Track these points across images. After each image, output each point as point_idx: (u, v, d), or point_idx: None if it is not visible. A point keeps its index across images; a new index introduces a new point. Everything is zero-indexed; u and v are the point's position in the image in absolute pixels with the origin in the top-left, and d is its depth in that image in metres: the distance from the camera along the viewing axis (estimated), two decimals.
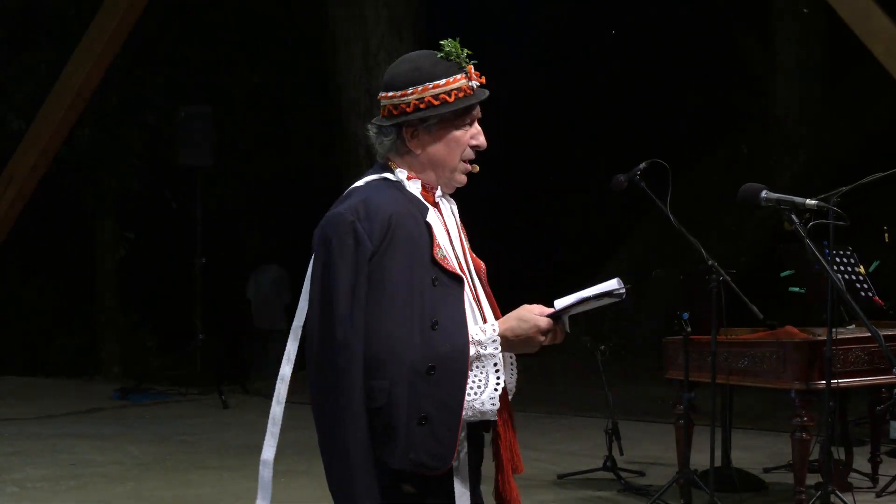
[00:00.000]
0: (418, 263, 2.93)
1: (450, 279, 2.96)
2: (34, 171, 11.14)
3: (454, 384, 2.88)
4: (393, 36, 13.25)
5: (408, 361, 2.86)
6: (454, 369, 2.88)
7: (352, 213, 2.94)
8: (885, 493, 7.06)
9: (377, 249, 2.89)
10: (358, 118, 13.28)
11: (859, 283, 6.91)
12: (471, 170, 3.10)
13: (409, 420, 2.85)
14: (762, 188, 3.63)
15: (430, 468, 2.88)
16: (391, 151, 3.08)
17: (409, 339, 2.87)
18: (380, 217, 2.92)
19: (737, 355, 6.58)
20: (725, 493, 6.73)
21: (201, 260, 11.96)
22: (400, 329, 2.87)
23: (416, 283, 2.91)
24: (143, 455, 8.63)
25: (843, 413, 7.34)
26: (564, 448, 8.85)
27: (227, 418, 10.54)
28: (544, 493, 7.32)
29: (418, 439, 2.86)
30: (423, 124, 3.02)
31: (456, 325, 2.92)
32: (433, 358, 2.86)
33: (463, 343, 2.90)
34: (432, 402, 2.86)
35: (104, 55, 10.89)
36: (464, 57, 3.05)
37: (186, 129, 12.10)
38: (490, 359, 2.93)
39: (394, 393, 2.85)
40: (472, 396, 2.91)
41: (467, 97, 3.03)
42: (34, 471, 8.07)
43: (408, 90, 3.01)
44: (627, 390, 11.04)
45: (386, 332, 2.86)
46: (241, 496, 7.40)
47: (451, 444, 2.87)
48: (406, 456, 2.86)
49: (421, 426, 2.85)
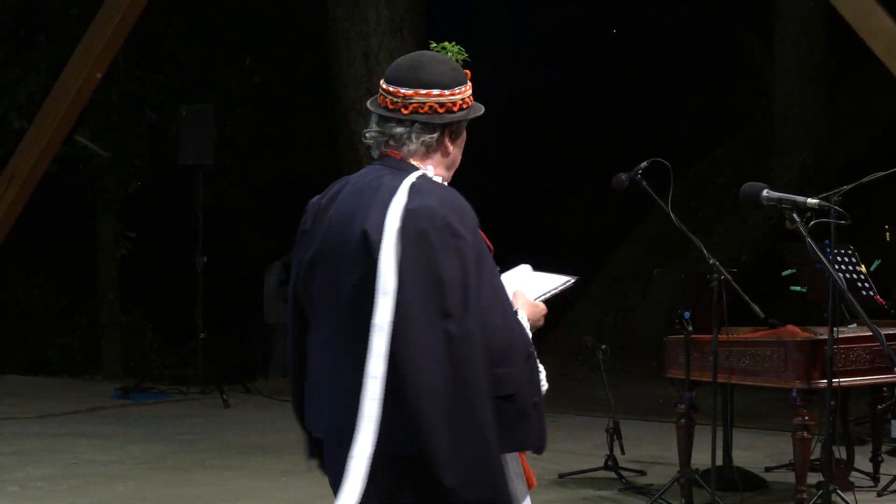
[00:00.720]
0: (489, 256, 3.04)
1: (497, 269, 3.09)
2: (35, 170, 11.14)
3: (537, 367, 3.02)
4: (394, 35, 13.24)
5: (521, 348, 2.95)
6: (534, 353, 3.02)
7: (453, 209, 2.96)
8: (887, 493, 7.06)
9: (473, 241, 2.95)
10: (359, 117, 13.28)
11: (860, 282, 6.91)
12: None
13: (531, 405, 2.95)
14: (763, 187, 3.63)
15: (540, 449, 3.00)
16: (422, 149, 3.08)
17: (514, 328, 2.97)
18: (469, 211, 2.99)
19: (738, 354, 6.58)
20: (726, 493, 6.73)
21: (202, 259, 11.96)
22: (511, 320, 2.98)
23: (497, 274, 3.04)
24: (144, 454, 8.62)
25: (845, 412, 7.34)
26: (565, 447, 8.85)
27: (229, 417, 10.54)
28: (546, 493, 7.32)
29: (537, 422, 2.98)
30: (460, 124, 3.11)
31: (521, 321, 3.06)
32: (528, 343, 3.00)
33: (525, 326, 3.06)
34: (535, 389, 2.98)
35: (105, 54, 10.89)
36: None
37: (187, 128, 12.10)
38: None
39: (519, 381, 2.93)
40: None
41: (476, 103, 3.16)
42: (35, 470, 8.07)
43: (455, 90, 3.06)
44: (628, 389, 11.05)
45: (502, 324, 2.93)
46: (242, 495, 7.40)
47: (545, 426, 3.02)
48: (537, 437, 2.98)
49: (536, 410, 2.96)
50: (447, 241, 2.87)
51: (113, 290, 15.70)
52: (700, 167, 15.52)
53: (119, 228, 15.50)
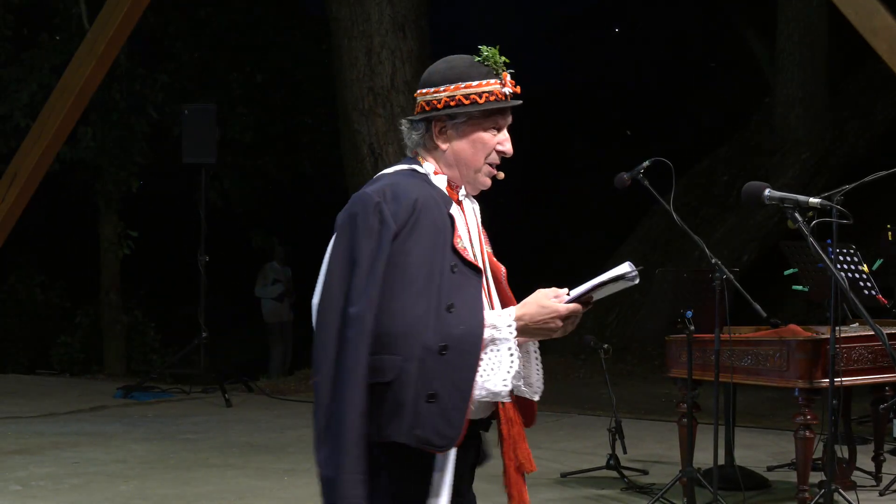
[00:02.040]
0: (439, 249, 2.99)
1: (469, 269, 3.03)
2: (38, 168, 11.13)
3: (466, 365, 2.92)
4: (396, 34, 13.25)
5: (421, 339, 2.90)
6: (466, 350, 2.93)
7: (378, 194, 3.01)
8: (889, 492, 7.06)
9: (400, 231, 2.95)
10: (361, 115, 13.29)
11: (862, 282, 6.90)
12: (495, 174, 3.17)
13: (417, 397, 2.89)
14: (765, 186, 3.63)
15: (435, 446, 2.92)
16: (419, 146, 3.16)
17: (424, 319, 2.91)
18: (405, 200, 2.98)
19: (740, 354, 6.58)
20: (728, 492, 6.73)
21: (204, 258, 11.96)
22: (416, 308, 2.92)
23: (436, 267, 2.97)
24: (146, 453, 8.63)
25: (847, 411, 7.33)
26: (568, 447, 8.85)
27: (230, 416, 10.55)
28: (548, 492, 7.32)
29: (426, 417, 2.90)
30: (452, 121, 3.10)
31: (471, 309, 2.97)
32: (446, 338, 2.91)
33: (477, 326, 2.95)
34: (442, 382, 2.90)
35: (108, 53, 10.88)
36: (500, 64, 3.12)
37: (190, 127, 12.10)
38: (504, 342, 2.98)
39: (404, 369, 2.90)
40: (484, 377, 2.95)
41: (498, 101, 3.10)
42: (37, 469, 8.07)
43: (440, 87, 3.10)
44: (630, 389, 11.06)
45: (401, 309, 2.91)
46: (244, 494, 7.40)
47: (458, 424, 2.91)
48: (412, 432, 2.90)
49: (429, 404, 2.90)
50: (370, 226, 2.95)
51: (115, 290, 15.71)
52: (702, 166, 15.52)
53: (121, 228, 15.51)
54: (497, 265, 3.22)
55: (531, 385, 3.19)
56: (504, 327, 2.99)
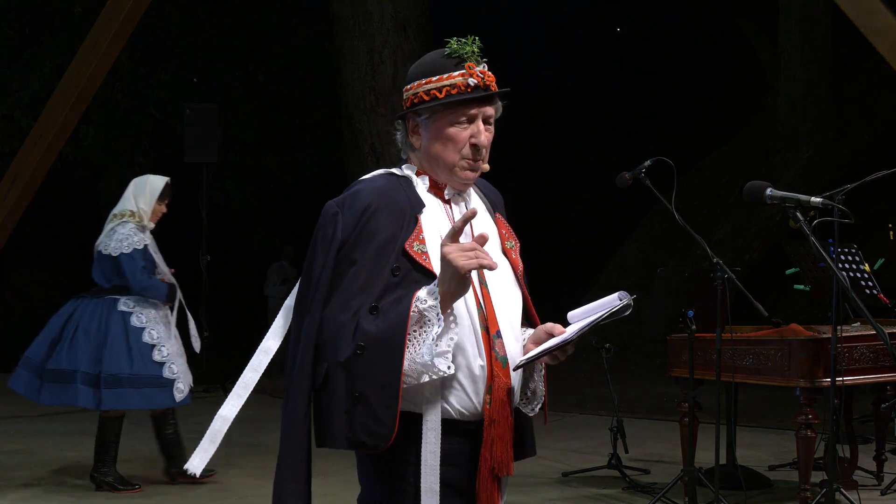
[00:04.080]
0: (384, 254, 2.93)
1: (419, 273, 2.93)
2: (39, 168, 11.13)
3: (387, 360, 2.86)
4: (398, 33, 13.25)
5: (342, 345, 2.88)
6: (386, 346, 2.86)
7: (339, 204, 3.00)
8: (890, 491, 7.06)
9: (347, 239, 2.94)
10: (363, 114, 13.30)
11: (864, 281, 6.90)
12: (473, 167, 3.04)
13: (343, 401, 2.89)
14: (767, 186, 3.62)
15: (369, 447, 2.89)
16: (404, 145, 3.12)
17: (347, 323, 2.89)
18: (356, 209, 2.96)
19: (742, 353, 6.58)
20: (730, 491, 6.73)
21: (207, 257, 11.97)
22: (343, 314, 2.90)
23: (375, 273, 2.91)
24: (147, 453, 8.63)
25: (848, 411, 7.33)
26: (569, 446, 8.85)
27: None
28: (549, 491, 7.33)
29: (355, 418, 2.88)
30: (419, 118, 3.04)
31: (400, 306, 2.88)
32: (362, 338, 2.87)
33: (400, 319, 2.86)
34: (366, 382, 2.86)
35: (109, 52, 10.88)
36: (468, 54, 3.02)
37: (192, 126, 12.10)
38: (431, 310, 2.87)
39: (330, 376, 2.90)
40: (412, 353, 2.88)
41: (461, 94, 2.98)
42: (39, 468, 8.08)
43: (409, 85, 3.06)
44: (632, 388, 11.05)
45: (332, 318, 2.90)
46: (245, 493, 7.40)
47: (389, 421, 2.86)
48: (343, 436, 2.89)
49: (356, 406, 2.87)
50: (325, 237, 2.96)
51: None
52: (704, 165, 15.52)
53: None
54: (515, 261, 3.13)
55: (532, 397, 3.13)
56: (427, 297, 2.87)
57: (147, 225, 7.58)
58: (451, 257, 2.81)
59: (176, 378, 7.29)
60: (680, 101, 17.55)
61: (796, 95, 14.48)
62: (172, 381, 7.31)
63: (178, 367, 7.31)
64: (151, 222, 7.62)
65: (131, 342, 7.26)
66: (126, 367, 7.20)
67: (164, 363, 7.30)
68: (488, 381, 2.96)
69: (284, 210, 17.79)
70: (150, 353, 7.29)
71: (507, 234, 3.16)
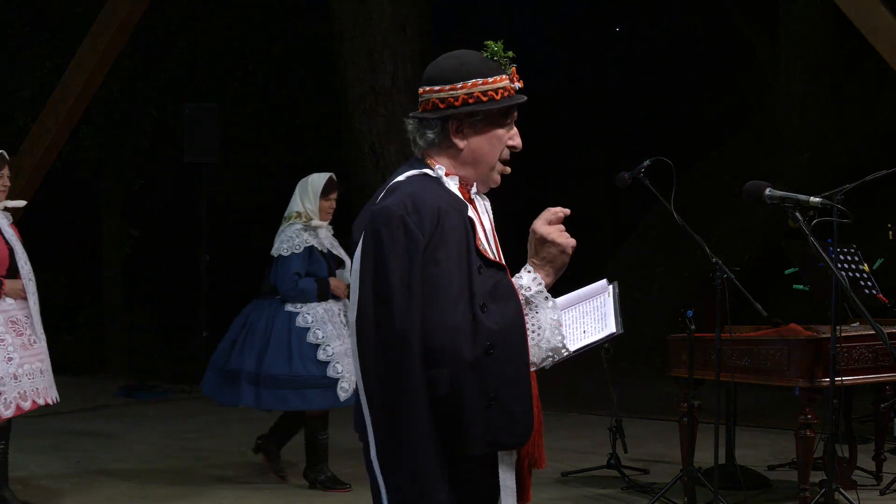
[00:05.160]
0: (465, 254, 2.96)
1: (494, 269, 3.01)
2: (39, 168, 11.14)
3: (516, 355, 2.91)
4: (397, 33, 13.25)
5: (466, 348, 2.87)
6: (512, 340, 2.91)
7: (400, 207, 2.96)
8: (889, 491, 7.07)
9: (429, 242, 2.92)
10: (362, 115, 13.29)
11: (863, 281, 6.91)
12: (504, 170, 3.16)
13: (477, 405, 2.88)
14: (766, 185, 3.63)
15: (510, 445, 2.95)
16: (432, 146, 3.10)
17: (462, 326, 2.88)
18: (428, 210, 2.95)
19: (741, 353, 6.59)
20: (729, 491, 6.73)
21: (206, 257, 11.98)
22: (453, 318, 2.88)
23: (465, 273, 2.94)
24: (147, 452, 8.64)
25: (847, 411, 7.34)
26: (568, 446, 8.85)
27: (232, 415, 10.54)
28: (548, 491, 7.33)
29: (493, 420, 2.89)
30: (469, 119, 3.06)
31: (506, 301, 2.94)
32: (488, 337, 2.88)
33: (515, 313, 2.93)
34: (498, 381, 2.88)
35: (109, 52, 10.89)
36: (507, 58, 3.10)
37: (192, 126, 12.10)
38: (539, 295, 3.00)
39: (456, 381, 2.87)
40: (535, 340, 2.97)
41: (511, 97, 3.08)
42: (39, 468, 8.08)
43: (456, 84, 3.05)
44: (631, 388, 11.03)
45: (440, 321, 2.88)
46: (244, 494, 7.41)
47: (526, 418, 2.93)
48: (483, 440, 2.90)
49: (491, 407, 2.88)
50: (397, 241, 2.91)
51: (117, 289, 15.70)
52: (703, 165, 15.51)
53: (123, 227, 15.51)
54: None
55: None
56: (531, 284, 3.01)
57: (317, 224, 7.51)
58: (553, 237, 3.05)
59: (340, 377, 7.19)
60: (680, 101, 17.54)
61: (796, 95, 14.46)
62: (336, 380, 7.20)
63: (344, 366, 7.19)
64: (323, 220, 7.55)
65: (293, 343, 7.23)
66: (284, 368, 7.17)
67: (328, 362, 7.21)
68: None
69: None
70: (315, 354, 7.21)
71: None
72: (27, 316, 6.72)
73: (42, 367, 6.74)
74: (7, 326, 6.63)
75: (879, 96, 14.43)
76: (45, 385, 6.77)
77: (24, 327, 6.69)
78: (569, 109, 18.18)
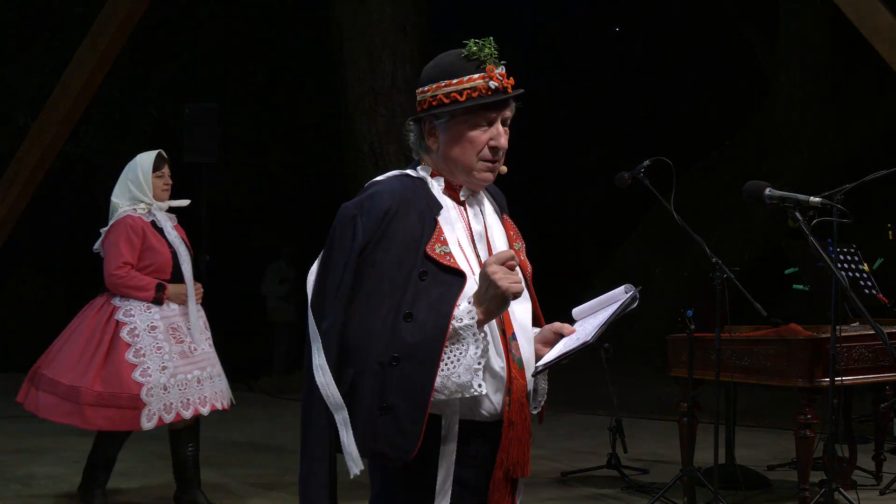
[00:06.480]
0: (409, 257, 2.90)
1: (447, 274, 2.91)
2: (39, 168, 11.13)
3: (421, 374, 2.83)
4: (397, 33, 13.25)
5: (374, 351, 2.84)
6: (422, 359, 2.83)
7: (357, 206, 2.96)
8: (889, 491, 7.07)
9: (368, 243, 2.90)
10: (362, 115, 13.30)
11: (863, 281, 6.91)
12: (491, 168, 3.04)
13: (370, 409, 2.84)
14: (766, 185, 3.63)
15: (391, 459, 2.86)
16: (417, 147, 3.10)
17: (379, 331, 2.85)
18: (376, 211, 2.93)
19: (741, 353, 6.59)
20: (729, 491, 6.73)
21: (206, 257, 11.96)
22: (373, 321, 2.86)
23: (402, 277, 2.89)
24: (147, 452, 8.63)
25: (847, 410, 7.34)
26: (568, 446, 8.85)
27: (231, 415, 10.53)
28: (548, 491, 7.33)
29: (379, 428, 2.84)
30: (438, 121, 3.02)
31: (436, 315, 2.85)
32: (398, 349, 2.83)
33: (436, 330, 2.84)
34: (397, 392, 2.83)
35: (109, 51, 10.89)
36: (487, 56, 3.00)
37: (191, 126, 12.09)
38: (468, 329, 2.85)
39: (357, 383, 2.86)
40: (447, 371, 2.85)
41: (482, 97, 2.97)
42: (38, 468, 8.08)
43: (426, 87, 3.03)
44: (631, 388, 11.04)
45: (359, 324, 2.87)
46: (244, 493, 7.40)
47: (414, 434, 2.83)
48: (365, 444, 2.86)
49: (383, 416, 2.83)
50: (343, 240, 2.93)
51: None
52: (703, 165, 15.52)
53: None
54: (524, 263, 3.12)
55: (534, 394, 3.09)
56: (464, 315, 2.86)
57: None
58: (496, 278, 2.82)
59: None
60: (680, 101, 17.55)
61: (796, 95, 14.48)
62: None
63: None
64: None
65: None
66: None
67: None
68: (507, 383, 2.96)
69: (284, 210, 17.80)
70: None
71: (515, 236, 3.17)
72: (189, 323, 6.64)
73: (201, 376, 6.61)
74: (167, 334, 6.53)
75: (880, 96, 14.45)
76: (214, 390, 6.72)
77: (184, 334, 6.61)
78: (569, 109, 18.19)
